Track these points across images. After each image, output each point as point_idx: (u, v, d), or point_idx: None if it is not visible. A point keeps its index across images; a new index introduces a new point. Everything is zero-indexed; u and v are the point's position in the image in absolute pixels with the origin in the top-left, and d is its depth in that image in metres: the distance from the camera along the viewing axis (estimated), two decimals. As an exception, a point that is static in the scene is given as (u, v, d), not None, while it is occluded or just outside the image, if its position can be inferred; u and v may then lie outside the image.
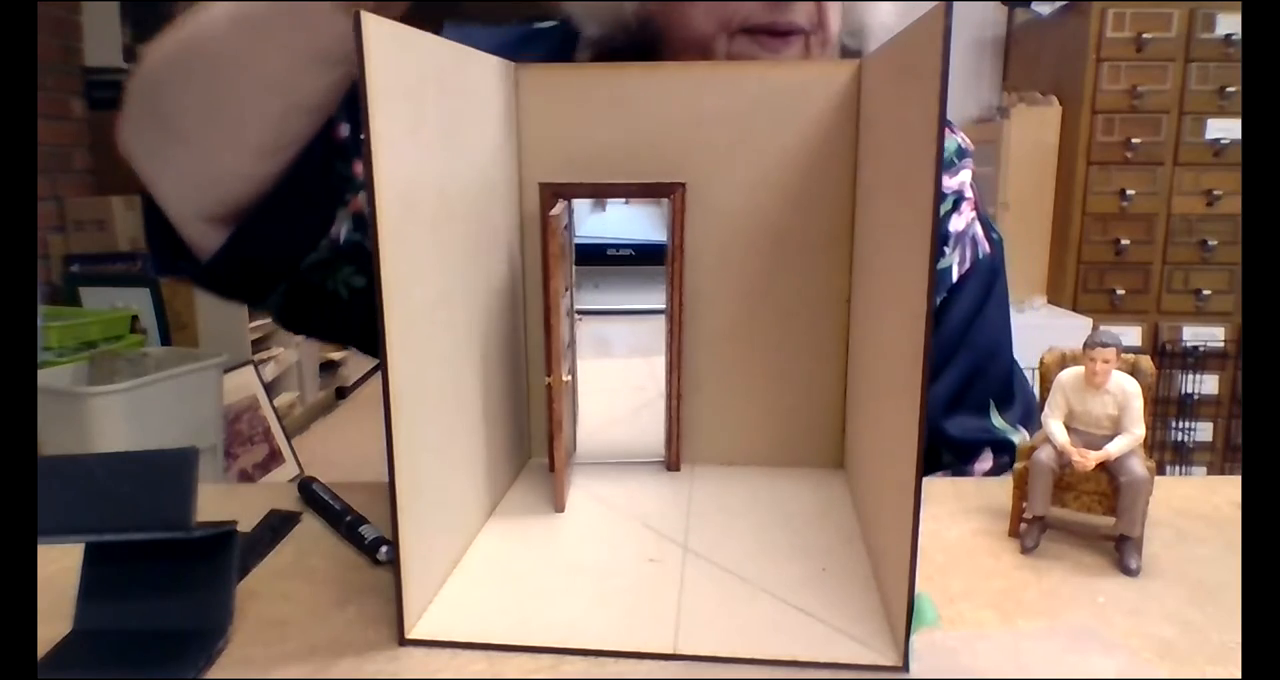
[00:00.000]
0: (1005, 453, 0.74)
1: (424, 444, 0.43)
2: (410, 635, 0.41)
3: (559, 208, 0.53)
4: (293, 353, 3.34)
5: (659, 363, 0.62)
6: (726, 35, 0.67)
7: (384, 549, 0.49)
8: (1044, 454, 0.49)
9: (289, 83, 0.55)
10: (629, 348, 0.73)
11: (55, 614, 0.42)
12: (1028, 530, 0.50)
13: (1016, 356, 0.81)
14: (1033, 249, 2.54)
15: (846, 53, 0.75)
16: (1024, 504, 0.51)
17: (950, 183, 0.76)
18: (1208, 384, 2.41)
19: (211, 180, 0.60)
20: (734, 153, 0.58)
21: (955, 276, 0.75)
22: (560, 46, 0.78)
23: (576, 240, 0.60)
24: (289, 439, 2.88)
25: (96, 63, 2.82)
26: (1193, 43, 2.29)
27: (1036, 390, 0.53)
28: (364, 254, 0.65)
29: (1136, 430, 0.48)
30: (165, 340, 2.68)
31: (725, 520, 0.53)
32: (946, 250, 0.75)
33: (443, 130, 0.46)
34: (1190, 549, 0.50)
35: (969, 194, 0.77)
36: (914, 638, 0.39)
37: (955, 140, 0.78)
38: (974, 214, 0.77)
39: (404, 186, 0.40)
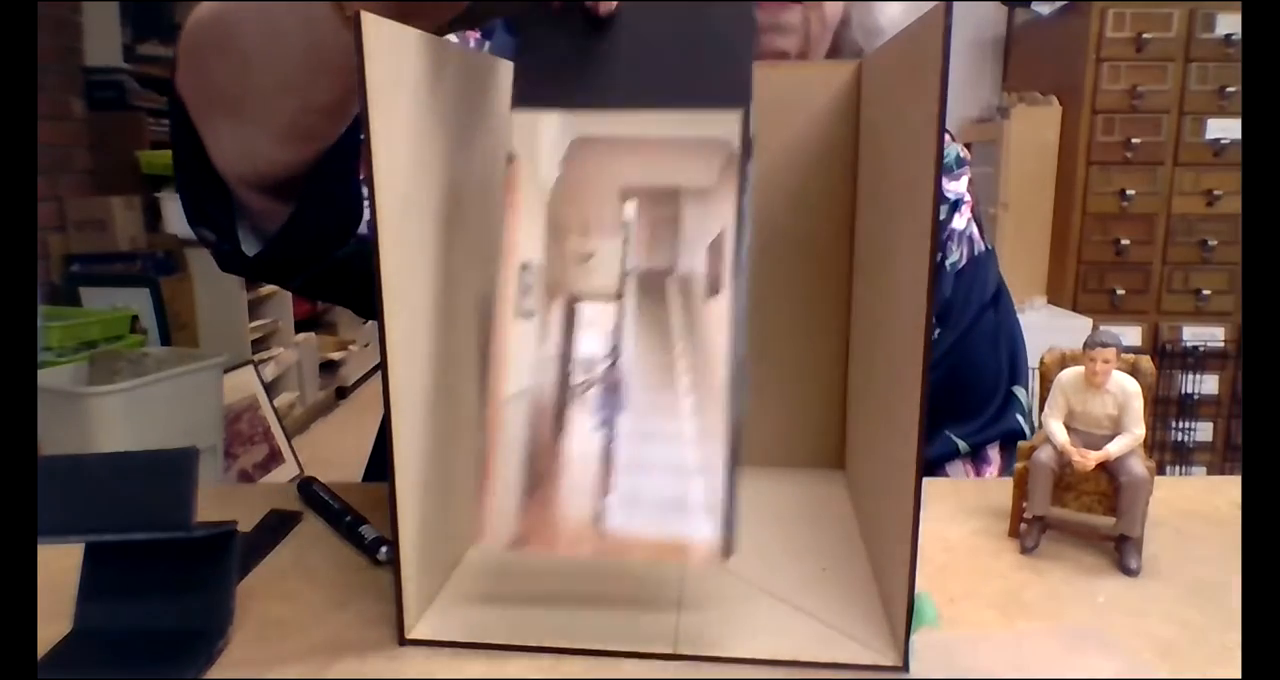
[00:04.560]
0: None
1: (424, 444, 0.43)
2: (410, 635, 0.41)
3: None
4: (293, 353, 3.34)
5: (659, 363, 0.61)
6: None
7: (384, 549, 0.49)
8: (1044, 454, 0.49)
9: (299, 84, 0.56)
10: (629, 348, 0.73)
11: (55, 614, 0.42)
12: (1028, 530, 0.50)
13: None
14: (1033, 249, 2.54)
15: (855, 52, 0.77)
16: (1024, 504, 0.51)
17: (953, 187, 0.80)
18: (1208, 384, 2.41)
19: (247, 153, 0.61)
20: (734, 153, 0.58)
21: (958, 268, 0.81)
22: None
23: (576, 240, 0.60)
24: (289, 439, 2.88)
25: (96, 63, 2.82)
26: (1193, 43, 2.30)
27: (1036, 391, 0.53)
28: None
29: (1136, 430, 0.48)
30: (165, 340, 2.68)
31: (725, 520, 0.53)
32: (951, 246, 0.78)
33: (443, 130, 0.46)
34: (1190, 549, 0.50)
35: (968, 198, 0.82)
36: (914, 638, 0.39)
37: (955, 149, 0.82)
38: (970, 216, 0.82)
39: (404, 186, 0.40)
